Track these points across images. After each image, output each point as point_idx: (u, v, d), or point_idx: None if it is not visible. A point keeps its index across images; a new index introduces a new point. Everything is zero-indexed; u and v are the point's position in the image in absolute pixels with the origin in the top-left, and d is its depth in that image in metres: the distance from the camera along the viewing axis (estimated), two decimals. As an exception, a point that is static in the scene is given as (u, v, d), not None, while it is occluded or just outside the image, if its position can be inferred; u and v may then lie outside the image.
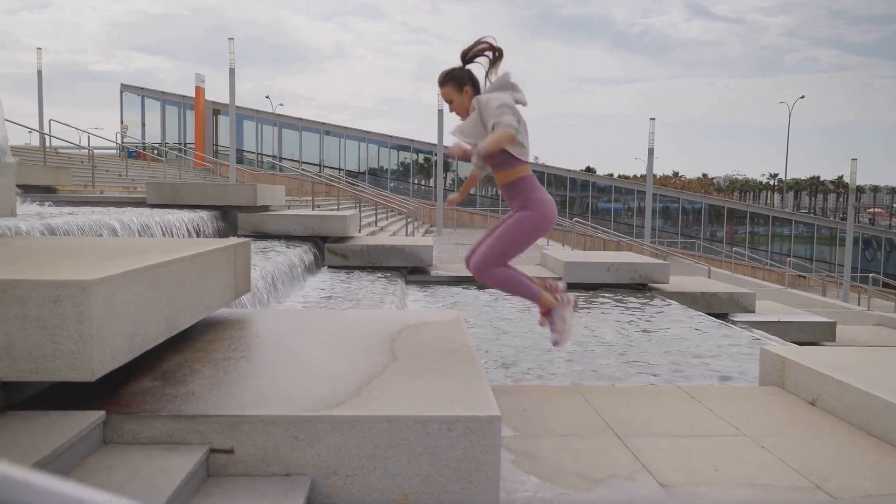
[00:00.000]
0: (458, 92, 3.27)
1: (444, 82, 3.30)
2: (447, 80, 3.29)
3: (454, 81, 3.28)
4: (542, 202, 3.28)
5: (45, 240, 3.77)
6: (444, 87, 3.30)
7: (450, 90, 3.29)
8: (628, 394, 4.10)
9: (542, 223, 3.30)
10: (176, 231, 7.83)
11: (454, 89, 3.28)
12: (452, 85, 3.28)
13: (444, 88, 3.31)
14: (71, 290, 2.19)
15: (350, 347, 3.29)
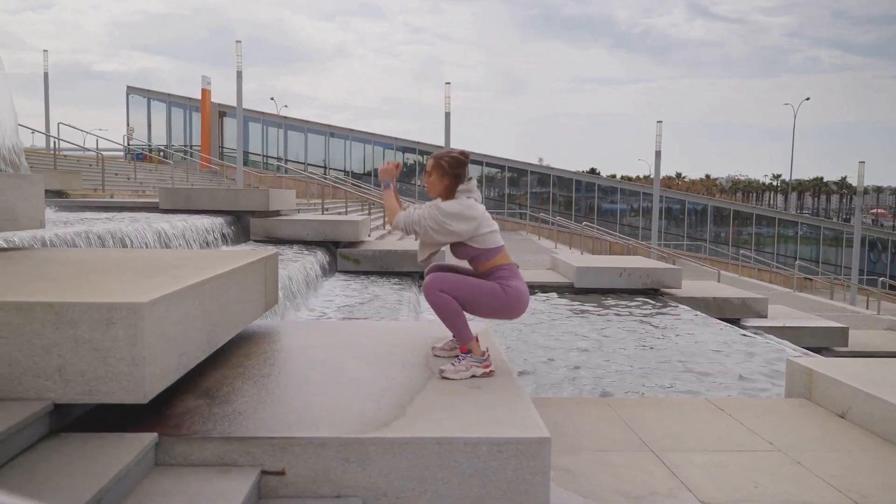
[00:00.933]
0: (440, 176, 3.36)
1: (438, 159, 3.40)
2: (441, 160, 3.39)
3: (444, 165, 3.37)
4: (518, 294, 3.27)
5: (78, 253, 3.77)
6: (434, 161, 3.40)
7: (435, 168, 3.38)
8: (657, 406, 4.10)
9: (510, 311, 3.28)
10: (194, 238, 7.84)
11: (439, 172, 3.37)
12: (441, 169, 3.37)
13: (433, 160, 3.40)
14: (123, 313, 2.19)
15: (385, 362, 3.30)
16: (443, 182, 3.38)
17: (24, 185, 3.99)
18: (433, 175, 3.39)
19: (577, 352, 6.03)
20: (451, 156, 3.41)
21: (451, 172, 3.37)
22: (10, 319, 2.18)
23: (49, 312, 2.19)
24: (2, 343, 2.19)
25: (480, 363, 3.13)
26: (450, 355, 3.44)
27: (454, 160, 3.39)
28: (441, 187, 3.38)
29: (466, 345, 3.20)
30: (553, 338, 6.57)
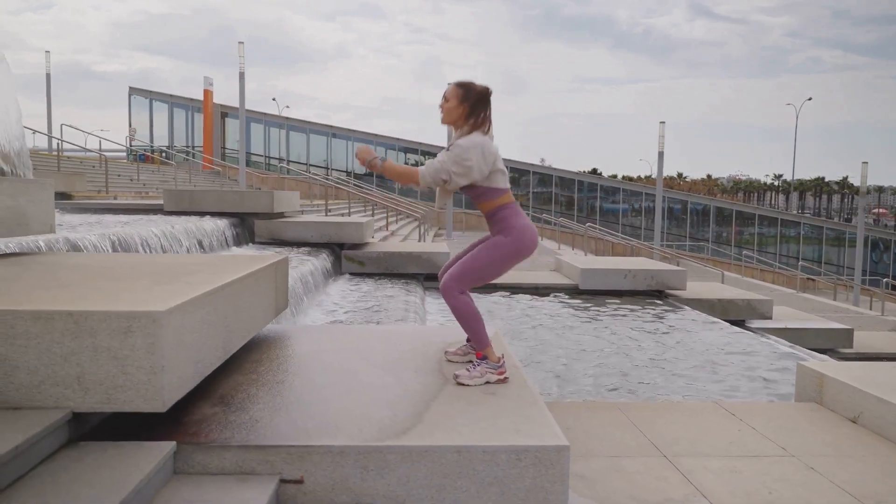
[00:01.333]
0: (458, 102, 3.24)
1: (459, 85, 3.28)
2: (461, 87, 3.27)
3: (465, 92, 3.25)
4: (522, 229, 3.23)
5: (89, 258, 3.77)
6: (455, 87, 3.27)
7: (455, 93, 3.25)
8: (668, 410, 4.09)
9: (520, 250, 3.25)
10: (201, 241, 7.84)
11: (458, 97, 3.24)
12: (462, 93, 3.24)
13: (452, 87, 3.28)
14: (142, 322, 2.19)
15: (399, 367, 3.29)
16: (459, 110, 3.25)
17: (34, 189, 3.99)
18: (451, 101, 3.25)
19: (584, 354, 6.02)
20: (476, 86, 3.29)
21: (470, 101, 3.23)
22: (28, 328, 2.18)
23: (68, 321, 2.19)
24: (20, 352, 2.19)
25: (495, 369, 3.12)
26: (463, 360, 3.44)
27: (478, 91, 3.26)
28: (456, 115, 3.26)
29: (483, 350, 3.18)
30: (559, 340, 6.57)
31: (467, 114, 3.23)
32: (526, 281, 10.54)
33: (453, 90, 3.26)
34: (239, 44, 20.46)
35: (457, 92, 3.25)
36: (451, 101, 3.25)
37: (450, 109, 3.26)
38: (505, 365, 3.18)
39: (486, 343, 3.19)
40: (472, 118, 3.24)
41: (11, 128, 8.73)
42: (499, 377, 3.11)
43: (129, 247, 5.91)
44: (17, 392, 2.20)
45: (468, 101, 3.22)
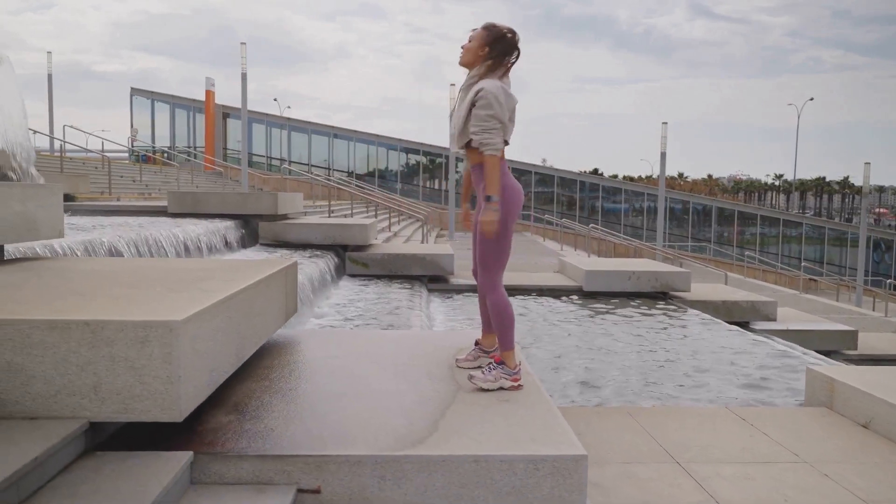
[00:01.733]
0: (481, 46, 3.12)
1: (486, 28, 3.16)
2: (488, 28, 3.15)
3: (489, 35, 3.13)
4: (507, 189, 3.15)
5: (100, 263, 3.76)
6: (482, 30, 3.16)
7: (480, 35, 3.14)
8: (678, 415, 4.08)
9: (508, 214, 3.16)
10: (206, 243, 7.84)
11: (483, 38, 3.13)
12: (486, 35, 3.13)
13: (478, 29, 3.17)
14: (159, 331, 2.18)
15: (411, 373, 3.28)
16: (481, 52, 3.12)
17: (44, 194, 3.98)
18: (475, 42, 3.13)
19: (591, 357, 6.01)
20: (503, 31, 3.14)
21: (494, 46, 3.11)
22: (44, 338, 2.17)
23: (84, 330, 2.18)
24: (37, 362, 2.18)
25: (510, 375, 3.10)
26: (473, 366, 3.43)
27: (505, 38, 3.13)
28: (474, 56, 3.14)
29: (504, 353, 3.15)
30: (566, 344, 6.55)
31: (484, 57, 3.13)
32: (530, 283, 10.53)
33: (479, 33, 3.15)
34: (241, 45, 20.44)
35: (482, 35, 3.14)
36: (473, 47, 3.14)
37: (470, 49, 3.15)
38: (521, 373, 3.16)
39: (510, 346, 3.17)
40: (491, 61, 3.13)
41: (17, 131, 8.72)
42: (513, 384, 3.09)
43: (138, 250, 5.91)
44: (33, 402, 2.19)
45: (492, 46, 3.12)
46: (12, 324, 2.17)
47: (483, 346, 3.50)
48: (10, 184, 3.63)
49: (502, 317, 3.19)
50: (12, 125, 8.37)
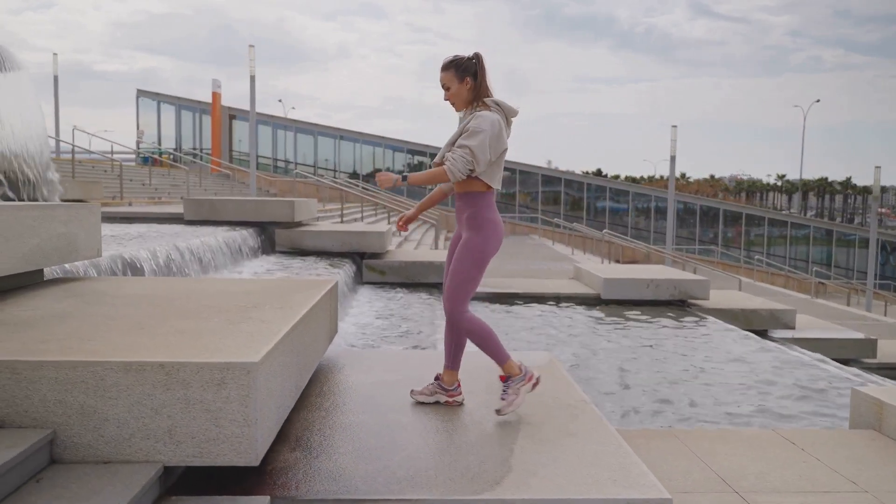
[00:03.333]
0: (458, 81, 3.07)
1: (447, 67, 3.10)
2: (450, 65, 3.10)
3: (457, 69, 3.08)
4: (490, 224, 3.10)
5: (140, 285, 3.70)
6: (446, 72, 3.09)
7: (450, 77, 3.08)
8: (725, 438, 4.02)
9: (488, 247, 3.10)
10: (230, 253, 7.79)
11: (455, 77, 3.07)
12: (454, 72, 3.08)
13: (444, 73, 3.10)
14: (236, 373, 2.13)
15: (467, 402, 3.22)
16: (465, 86, 3.07)
17: (84, 214, 3.92)
18: (451, 87, 3.08)
19: (623, 372, 5.95)
20: (462, 55, 3.12)
21: (469, 71, 3.06)
22: (119, 380, 2.12)
23: (160, 373, 2.12)
24: (110, 404, 2.12)
25: (523, 381, 3.04)
26: (430, 400, 3.23)
27: (465, 58, 3.10)
28: (464, 94, 3.08)
29: (504, 365, 3.07)
30: (595, 356, 6.49)
31: (474, 87, 3.08)
32: (546, 290, 10.47)
33: (447, 76, 3.09)
34: (249, 47, 20.37)
35: (452, 74, 3.09)
36: (452, 87, 3.09)
37: (457, 93, 3.10)
38: (528, 369, 3.10)
39: (505, 357, 3.10)
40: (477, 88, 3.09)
41: (36, 138, 8.67)
42: (530, 384, 3.05)
43: (170, 265, 5.85)
44: (106, 446, 2.13)
45: (467, 75, 3.07)
46: (87, 366, 2.11)
47: (443, 382, 3.27)
48: (52, 205, 3.57)
49: (483, 337, 3.07)
50: (32, 132, 8.32)
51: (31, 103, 8.90)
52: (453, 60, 3.11)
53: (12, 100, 8.10)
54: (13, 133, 7.72)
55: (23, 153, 7.96)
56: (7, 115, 7.69)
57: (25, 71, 9.05)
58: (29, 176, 8.08)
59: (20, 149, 7.95)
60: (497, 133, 3.03)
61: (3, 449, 1.95)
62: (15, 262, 3.27)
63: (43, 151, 8.88)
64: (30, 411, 2.12)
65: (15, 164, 7.68)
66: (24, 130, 8.19)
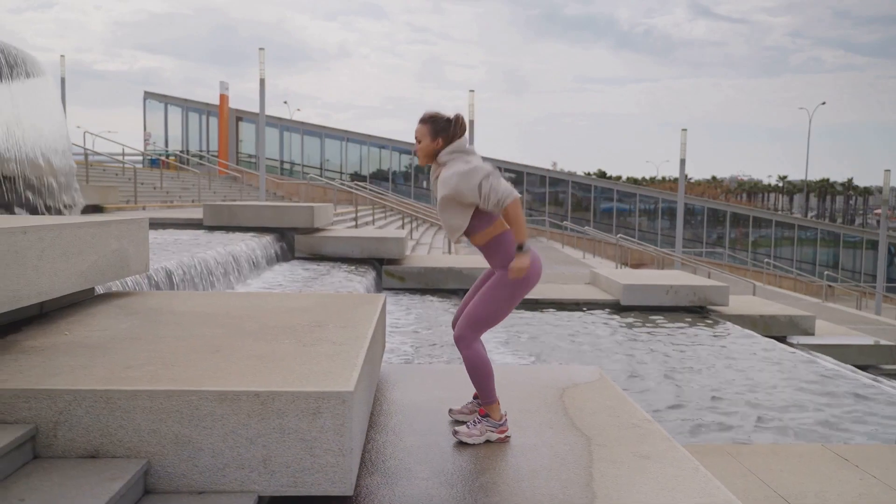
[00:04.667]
0: (431, 139, 3.02)
1: (424, 121, 3.05)
2: (428, 121, 3.04)
3: (433, 126, 3.03)
4: (530, 260, 2.97)
5: (195, 301, 3.67)
6: (422, 125, 3.04)
7: (425, 131, 3.03)
8: (777, 455, 4.01)
9: (528, 282, 2.99)
10: (255, 259, 7.78)
11: (429, 133, 3.02)
12: (430, 128, 3.02)
13: (420, 125, 3.05)
14: (332, 402, 2.11)
15: (530, 422, 3.20)
16: (435, 145, 3.01)
17: (134, 229, 3.91)
18: (423, 141, 3.02)
19: (661, 384, 5.94)
20: (442, 114, 3.04)
21: (444, 130, 3.00)
22: (213, 409, 2.10)
23: (255, 402, 2.10)
24: (205, 434, 2.10)
25: (496, 428, 2.96)
26: (468, 419, 3.17)
27: (444, 119, 3.02)
28: (434, 150, 3.02)
29: (488, 407, 2.99)
30: (626, 365, 6.48)
31: (441, 147, 3.02)
32: (564, 296, 10.46)
33: (422, 130, 3.04)
34: (259, 50, 20.33)
35: (427, 130, 3.03)
36: (424, 141, 3.03)
37: (426, 149, 3.03)
38: (507, 423, 3.01)
39: (492, 399, 2.98)
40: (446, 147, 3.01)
41: (60, 143, 8.67)
42: (500, 436, 2.96)
43: (204, 275, 5.84)
44: (200, 475, 2.11)
45: (441, 135, 3.01)
46: (181, 395, 2.10)
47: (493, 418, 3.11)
48: (106, 221, 3.55)
49: (478, 368, 2.95)
50: (57, 138, 8.30)
51: (54, 110, 8.90)
52: (432, 117, 3.04)
53: (37, 107, 8.11)
54: (39, 140, 7.73)
55: (48, 161, 7.97)
56: (33, 123, 7.69)
57: (49, 78, 9.06)
58: (53, 184, 8.09)
59: (45, 156, 7.95)
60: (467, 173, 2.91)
61: (105, 482, 1.94)
62: (74, 281, 3.25)
63: (67, 159, 8.89)
64: (124, 441, 2.10)
65: (40, 172, 7.69)
66: (49, 138, 8.20)
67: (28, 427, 2.06)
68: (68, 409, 2.09)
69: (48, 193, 7.75)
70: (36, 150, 7.41)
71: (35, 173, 7.46)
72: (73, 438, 2.09)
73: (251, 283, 7.38)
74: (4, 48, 6.95)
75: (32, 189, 7.42)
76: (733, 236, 32.20)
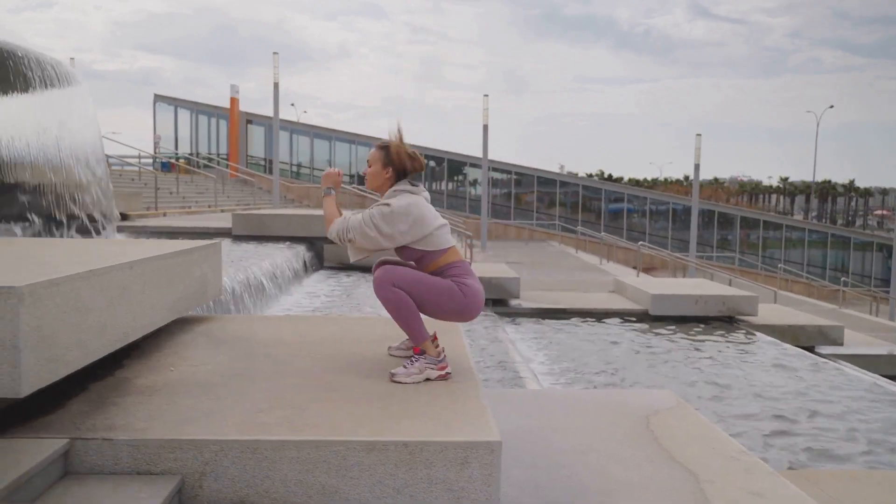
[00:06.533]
0: (382, 166, 3.02)
1: (381, 148, 3.04)
2: (384, 150, 3.03)
3: (388, 156, 3.02)
4: (474, 293, 2.94)
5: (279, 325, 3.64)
6: (377, 151, 3.04)
7: (378, 158, 3.03)
8: (860, 482, 3.98)
9: (468, 310, 2.94)
10: (292, 269, 7.77)
11: (382, 161, 3.02)
12: (385, 157, 3.02)
13: (375, 151, 3.05)
14: (480, 452, 2.09)
15: (622, 452, 3.17)
16: (384, 174, 3.01)
17: (212, 254, 3.88)
18: (374, 168, 3.02)
19: (719, 405, 5.89)
20: (401, 146, 3.03)
21: (396, 164, 3.00)
22: (361, 459, 2.07)
23: (403, 452, 2.08)
24: (352, 484, 2.08)
25: (436, 364, 2.83)
26: (406, 355, 3.14)
27: (403, 154, 3.01)
28: (381, 180, 3.03)
29: (420, 345, 2.87)
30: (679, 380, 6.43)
31: (392, 179, 3.02)
32: (590, 305, 10.42)
33: (376, 156, 3.03)
34: (274, 54, 20.38)
35: (381, 157, 3.02)
36: (375, 168, 3.02)
37: (375, 175, 3.03)
38: (446, 359, 2.89)
39: (424, 336, 2.87)
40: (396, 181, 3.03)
41: (97, 151, 8.65)
42: (440, 373, 2.82)
43: (254, 289, 5.82)
44: (346, 525, 2.08)
45: (391, 167, 3.00)
46: (329, 445, 2.07)
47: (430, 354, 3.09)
48: (189, 249, 3.52)
49: (400, 308, 2.84)
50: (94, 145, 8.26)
51: (92, 118, 8.87)
52: (389, 147, 3.02)
53: (78, 115, 8.08)
54: (83, 149, 7.70)
55: (91, 170, 7.95)
56: (75, 131, 7.66)
57: (85, 85, 9.02)
58: (97, 193, 8.07)
59: (89, 165, 7.93)
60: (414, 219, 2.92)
61: (263, 536, 1.91)
62: (167, 312, 3.22)
63: (104, 167, 8.86)
64: (270, 491, 2.07)
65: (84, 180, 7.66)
66: (92, 145, 8.17)
67: (175, 479, 2.03)
68: (214, 460, 2.06)
69: (92, 203, 7.73)
70: (80, 159, 7.39)
71: (79, 182, 7.44)
72: (218, 489, 2.07)
73: (293, 295, 7.35)
74: (51, 61, 6.93)
75: (76, 199, 7.39)
76: (743, 240, 32.19)
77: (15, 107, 6.18)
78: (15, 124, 6.01)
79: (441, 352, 2.89)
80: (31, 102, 6.56)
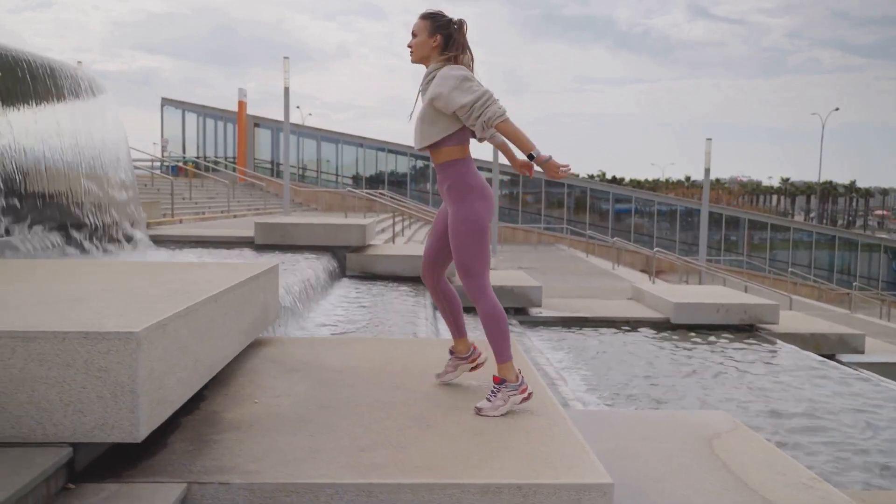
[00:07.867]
0: (429, 35, 2.89)
1: (424, 17, 2.92)
2: (428, 17, 2.91)
3: (433, 23, 2.89)
4: (476, 189, 2.87)
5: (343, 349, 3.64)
6: (422, 20, 2.92)
7: (423, 27, 2.90)
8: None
9: (481, 218, 2.85)
10: (319, 281, 7.77)
11: (427, 29, 2.89)
12: (430, 24, 2.89)
13: (419, 21, 2.92)
14: (592, 495, 2.12)
15: (693, 479, 3.17)
16: (431, 43, 2.88)
17: (272, 278, 3.88)
18: (419, 37, 2.89)
19: (758, 416, 5.88)
20: (444, 15, 2.91)
21: (443, 30, 2.88)
22: (474, 502, 2.08)
23: (517, 495, 2.10)
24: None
25: (517, 389, 2.76)
26: (455, 376, 3.12)
27: (446, 19, 2.89)
28: (427, 49, 2.90)
29: (501, 368, 2.79)
30: (721, 396, 6.42)
31: (442, 46, 2.90)
32: (610, 313, 10.44)
33: (421, 25, 2.91)
34: (284, 59, 20.32)
35: (425, 26, 2.90)
36: (420, 37, 2.90)
37: (420, 45, 2.91)
38: (524, 380, 2.81)
39: (507, 357, 2.78)
40: (448, 51, 2.90)
41: (125, 159, 8.66)
42: (523, 396, 2.75)
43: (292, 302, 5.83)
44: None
45: (439, 33, 2.89)
46: (443, 488, 2.08)
47: (458, 353, 3.14)
48: (256, 275, 3.52)
49: (498, 325, 2.80)
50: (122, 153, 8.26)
51: (118, 125, 8.87)
52: (433, 14, 2.92)
53: (106, 124, 8.09)
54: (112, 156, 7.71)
55: (119, 177, 7.96)
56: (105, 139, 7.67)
57: (110, 94, 9.03)
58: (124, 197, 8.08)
59: (118, 172, 7.94)
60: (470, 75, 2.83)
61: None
62: (242, 340, 3.23)
63: (131, 173, 8.87)
64: (384, 534, 2.08)
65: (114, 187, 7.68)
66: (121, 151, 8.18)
67: (292, 522, 2.04)
68: (329, 503, 2.07)
69: (120, 211, 7.75)
70: (115, 168, 7.42)
71: (108, 189, 7.45)
72: (333, 532, 2.08)
73: (321, 306, 7.35)
74: (81, 73, 6.94)
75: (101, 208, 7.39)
76: (747, 242, 32.21)
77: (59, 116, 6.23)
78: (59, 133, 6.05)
79: (518, 373, 2.84)
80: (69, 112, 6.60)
